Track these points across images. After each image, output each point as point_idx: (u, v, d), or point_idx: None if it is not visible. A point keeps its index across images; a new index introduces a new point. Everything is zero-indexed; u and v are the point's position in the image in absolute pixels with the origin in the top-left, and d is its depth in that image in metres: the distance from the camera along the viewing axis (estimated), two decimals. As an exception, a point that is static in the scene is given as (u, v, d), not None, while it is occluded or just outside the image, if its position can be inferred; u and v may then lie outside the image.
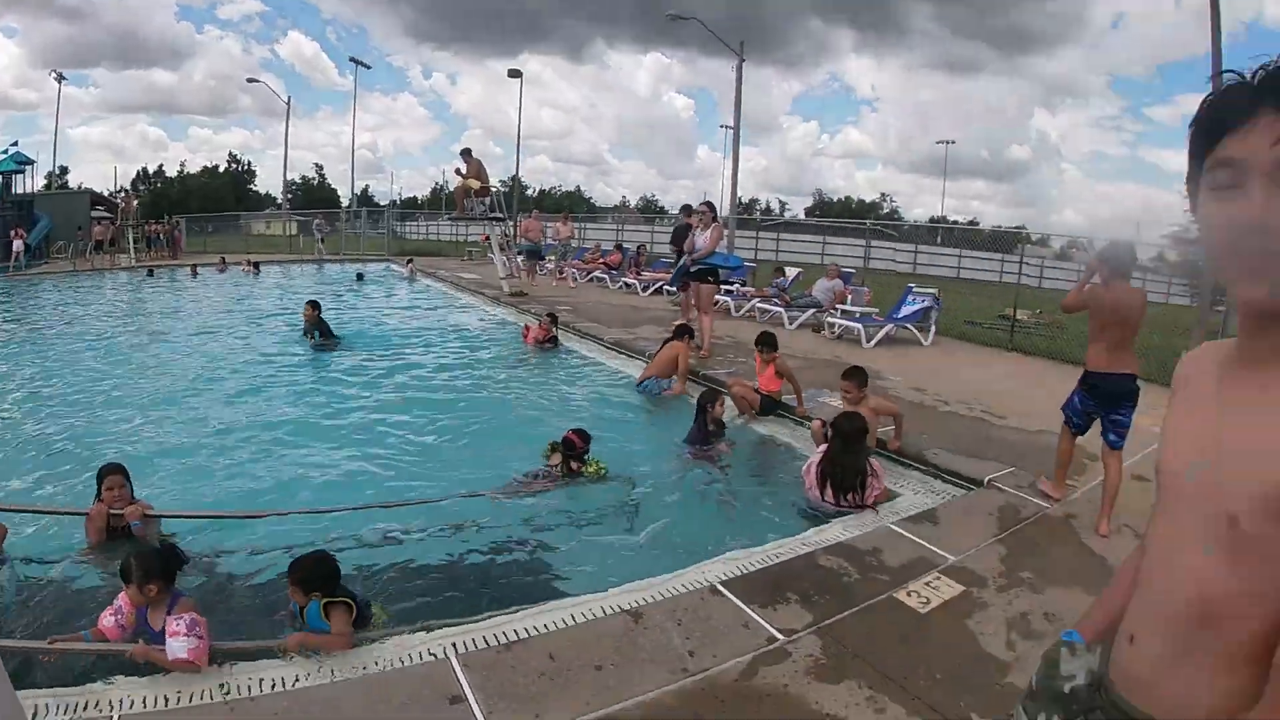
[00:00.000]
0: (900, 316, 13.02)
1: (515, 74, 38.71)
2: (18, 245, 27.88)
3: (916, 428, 7.06)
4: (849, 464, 5.58)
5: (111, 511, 4.80)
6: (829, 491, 5.59)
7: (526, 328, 12.92)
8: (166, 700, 3.22)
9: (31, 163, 34.71)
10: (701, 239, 11.48)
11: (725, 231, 16.11)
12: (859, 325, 12.62)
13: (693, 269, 11.58)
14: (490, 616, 3.94)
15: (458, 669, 3.28)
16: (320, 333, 12.39)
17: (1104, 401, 5.29)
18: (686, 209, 15.81)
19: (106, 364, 11.08)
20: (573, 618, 3.87)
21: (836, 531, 5.09)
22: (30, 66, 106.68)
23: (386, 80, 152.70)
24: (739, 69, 23.15)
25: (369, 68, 60.54)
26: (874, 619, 3.85)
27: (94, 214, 34.66)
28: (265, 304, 18.51)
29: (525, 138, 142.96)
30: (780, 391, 8.05)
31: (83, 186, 49.38)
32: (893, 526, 5.02)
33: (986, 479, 5.92)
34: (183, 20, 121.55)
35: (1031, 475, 5.96)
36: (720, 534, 5.31)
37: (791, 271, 17.05)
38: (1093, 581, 4.26)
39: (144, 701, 3.20)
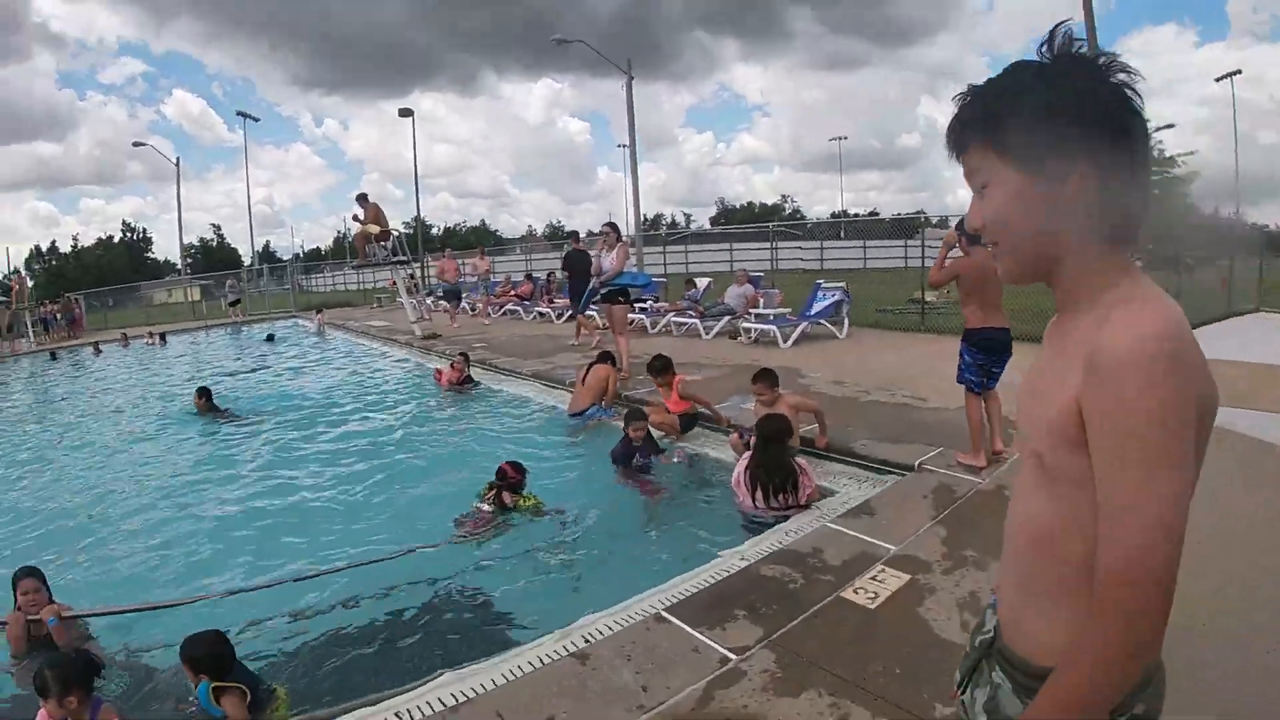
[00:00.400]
0: (813, 313, 13.18)
1: (406, 113, 38.25)
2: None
3: (841, 420, 7.09)
4: (775, 465, 5.53)
5: (29, 618, 4.46)
6: (759, 496, 5.53)
7: (438, 371, 12.64)
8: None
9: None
10: (608, 260, 11.41)
11: (632, 250, 16.08)
12: (774, 327, 12.72)
13: (602, 291, 11.51)
14: (433, 679, 3.74)
15: (402, 741, 3.07)
16: (216, 415, 11.78)
17: (987, 353, 5.70)
18: (574, 236, 15.96)
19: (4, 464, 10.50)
20: (519, 668, 3.69)
21: (775, 538, 5.00)
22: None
23: (278, 132, 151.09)
24: (629, 86, 23.28)
25: (258, 120, 59.52)
26: (825, 622, 3.76)
27: (-13, 300, 33.15)
28: (171, 376, 17.71)
29: (424, 176, 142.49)
30: (693, 408, 7.97)
31: (-34, 272, 47.59)
32: (831, 525, 4.95)
33: (917, 463, 5.95)
34: (64, 88, 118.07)
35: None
36: (660, 558, 5.22)
37: (702, 282, 17.16)
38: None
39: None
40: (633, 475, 6.87)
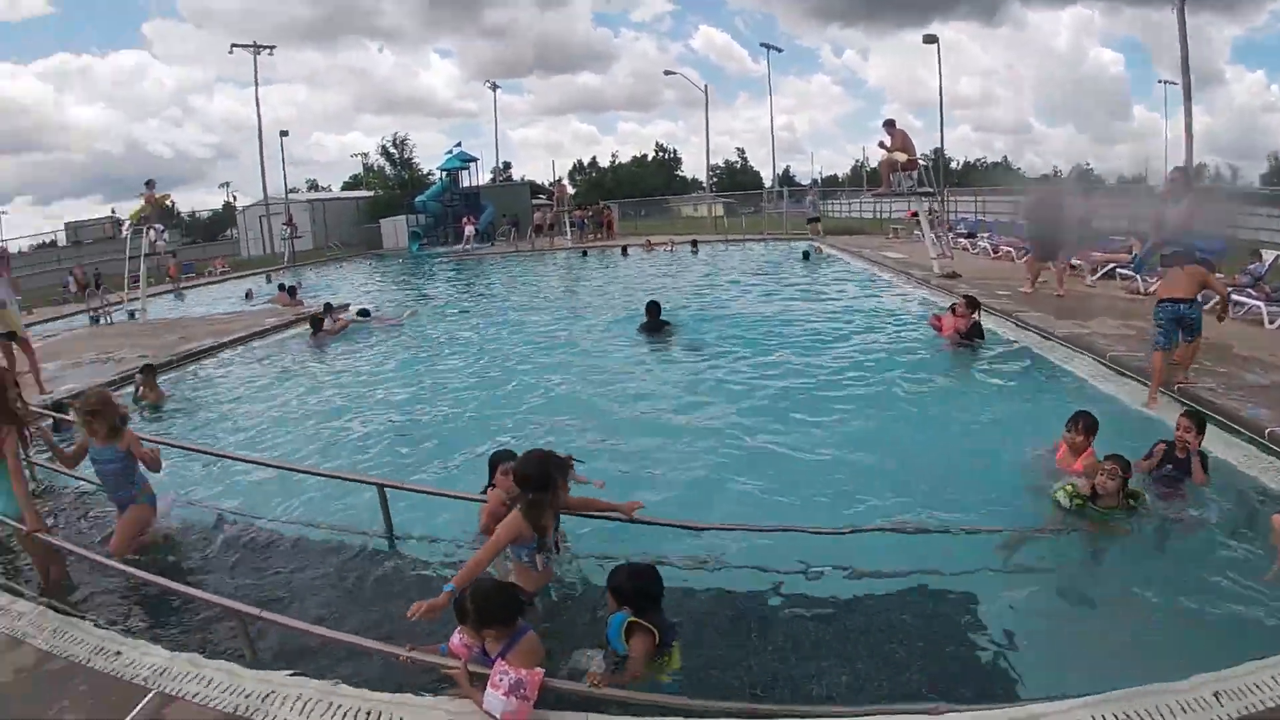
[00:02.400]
0: None
1: (931, 39, 37.46)
2: (468, 230, 35.47)
3: None
4: None
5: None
6: None
7: (936, 317, 11.31)
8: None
9: (474, 160, 42.67)
10: (1173, 212, 10.05)
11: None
12: (1363, 332, 9.74)
13: (1164, 252, 10.23)
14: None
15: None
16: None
17: None
18: None
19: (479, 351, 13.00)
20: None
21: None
22: (466, 81, 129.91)
23: (799, 62, 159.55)
24: (1180, 8, 19.48)
25: (780, 51, 61.54)
26: None
27: (534, 202, 41.60)
28: (671, 282, 19.95)
29: (944, 107, 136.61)
30: None
31: (524, 179, 59.63)
32: None
33: None
34: (599, 27, 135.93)
35: None
36: (1176, 638, 4.11)
37: (1269, 255, 14.38)
38: None
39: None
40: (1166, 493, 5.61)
